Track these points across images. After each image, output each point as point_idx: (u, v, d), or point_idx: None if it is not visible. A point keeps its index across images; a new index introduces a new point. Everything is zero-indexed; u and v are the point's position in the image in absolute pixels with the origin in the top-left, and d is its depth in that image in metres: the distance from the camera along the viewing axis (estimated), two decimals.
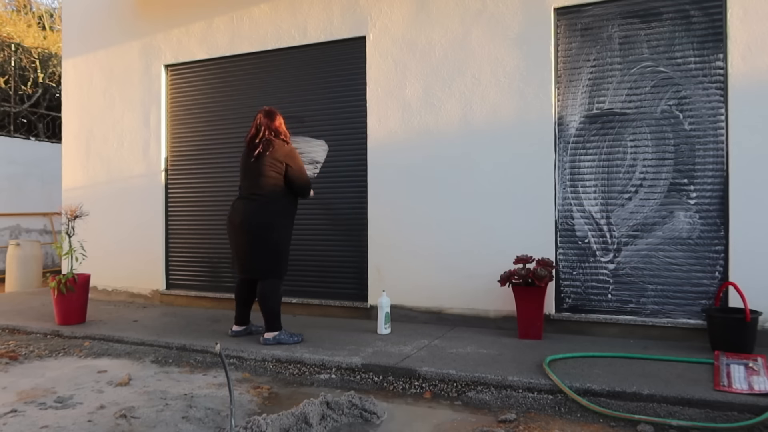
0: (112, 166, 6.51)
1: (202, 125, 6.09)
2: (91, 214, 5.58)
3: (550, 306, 4.55)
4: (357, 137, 5.33)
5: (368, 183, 5.23)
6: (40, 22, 13.82)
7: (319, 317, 5.34)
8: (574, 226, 4.58)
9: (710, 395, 3.03)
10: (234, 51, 5.86)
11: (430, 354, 3.94)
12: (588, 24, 4.55)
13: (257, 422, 2.72)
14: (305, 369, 3.89)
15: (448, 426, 2.95)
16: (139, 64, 6.37)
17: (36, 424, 2.95)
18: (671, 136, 4.31)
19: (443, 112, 4.94)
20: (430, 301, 4.97)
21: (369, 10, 5.25)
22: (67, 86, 6.85)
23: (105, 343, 4.61)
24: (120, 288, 6.44)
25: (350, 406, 3.02)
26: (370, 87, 5.22)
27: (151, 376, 3.82)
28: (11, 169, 9.91)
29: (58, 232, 10.13)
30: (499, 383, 3.40)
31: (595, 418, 3.00)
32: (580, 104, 4.56)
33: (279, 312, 4.31)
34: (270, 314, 4.26)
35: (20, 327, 5.09)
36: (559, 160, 4.62)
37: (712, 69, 4.21)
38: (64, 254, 5.14)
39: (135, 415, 3.06)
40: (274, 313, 4.27)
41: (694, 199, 4.25)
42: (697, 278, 4.23)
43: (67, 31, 6.87)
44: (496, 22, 4.76)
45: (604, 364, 3.64)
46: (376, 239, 5.18)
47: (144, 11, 6.35)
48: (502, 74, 4.74)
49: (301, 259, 5.53)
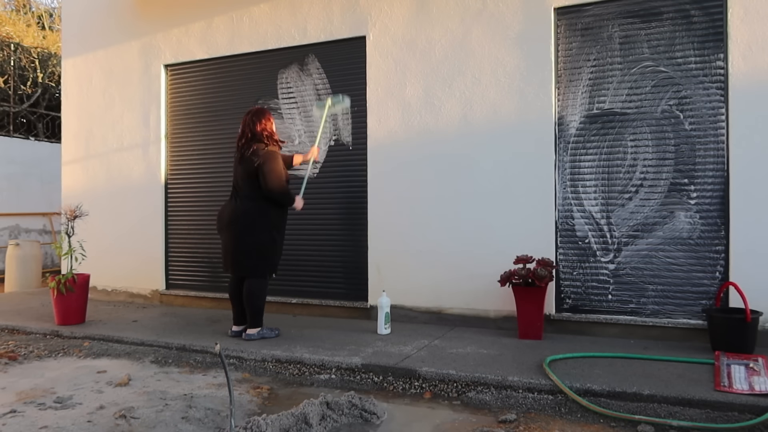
0: (111, 166, 6.51)
1: (201, 125, 6.08)
2: (91, 214, 5.58)
3: (550, 306, 4.55)
4: (357, 137, 5.32)
5: (368, 183, 5.22)
6: (40, 21, 13.82)
7: (319, 317, 5.33)
8: (574, 226, 4.58)
9: (711, 395, 3.03)
10: (234, 51, 5.85)
11: (430, 354, 3.94)
12: (588, 24, 4.55)
13: (257, 422, 2.72)
14: (305, 369, 3.89)
15: (448, 426, 2.95)
16: (138, 63, 6.37)
17: (35, 424, 2.94)
18: (672, 136, 4.31)
19: (443, 112, 4.93)
20: (430, 301, 4.97)
21: (369, 9, 5.24)
22: (66, 86, 6.85)
23: (104, 344, 4.61)
24: (119, 288, 6.44)
25: (350, 406, 3.01)
26: (370, 87, 5.22)
27: (151, 376, 3.81)
28: (11, 169, 9.90)
29: (57, 232, 10.12)
30: (500, 383, 3.39)
31: (595, 419, 2.99)
32: (581, 104, 4.56)
33: (263, 309, 4.50)
34: (255, 311, 4.44)
35: (20, 327, 5.09)
36: (560, 159, 4.62)
37: (713, 69, 4.20)
38: (63, 254, 5.13)
39: (134, 415, 3.05)
40: (259, 310, 4.46)
41: (695, 199, 4.24)
42: (697, 278, 4.23)
43: (66, 31, 6.86)
44: (497, 21, 4.76)
45: (605, 364, 3.64)
46: (376, 239, 5.18)
47: (143, 11, 6.35)
48: (503, 74, 4.74)
49: (302, 259, 5.53)
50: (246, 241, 4.37)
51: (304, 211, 4.96)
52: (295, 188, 4.85)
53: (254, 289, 4.41)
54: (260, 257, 4.40)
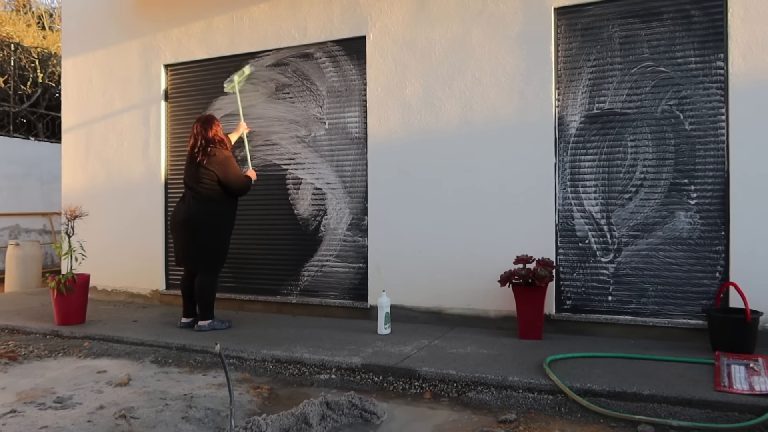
0: (111, 166, 6.51)
1: None
2: (91, 214, 5.57)
3: (550, 306, 4.55)
4: (357, 137, 5.32)
5: (368, 182, 5.22)
6: (40, 21, 13.82)
7: (319, 317, 5.33)
8: (574, 226, 4.58)
9: (711, 396, 3.03)
10: (234, 51, 5.85)
11: (430, 354, 3.93)
12: (588, 24, 4.54)
13: (257, 422, 2.72)
14: (305, 369, 3.89)
15: (448, 426, 2.95)
16: (138, 63, 6.36)
17: (35, 424, 2.94)
18: (672, 136, 4.31)
19: (443, 112, 4.93)
20: (430, 301, 4.97)
21: (369, 9, 5.24)
22: (66, 86, 6.85)
23: (104, 343, 4.61)
24: (119, 288, 6.43)
25: (350, 406, 3.01)
26: (370, 87, 5.21)
27: (151, 376, 3.81)
28: (11, 169, 9.89)
29: (57, 232, 10.12)
30: (500, 383, 3.39)
31: (595, 419, 2.99)
32: (581, 104, 4.56)
33: (213, 302, 4.86)
34: (206, 304, 4.82)
35: (19, 327, 5.09)
36: (560, 160, 4.62)
37: (713, 69, 4.20)
38: (63, 254, 5.13)
39: (134, 415, 3.05)
40: (210, 303, 4.84)
41: (695, 199, 4.24)
42: (697, 278, 4.23)
43: (66, 31, 6.86)
44: (497, 21, 4.76)
45: (605, 364, 3.64)
46: (376, 239, 5.18)
47: (143, 11, 6.34)
48: (503, 74, 4.74)
49: (301, 259, 5.53)
50: (199, 240, 4.75)
51: (303, 211, 4.96)
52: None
53: (206, 284, 4.79)
54: (211, 254, 4.80)
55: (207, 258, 4.79)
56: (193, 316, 4.94)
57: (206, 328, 4.78)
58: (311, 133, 5.53)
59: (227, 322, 4.92)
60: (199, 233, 4.74)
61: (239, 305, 5.79)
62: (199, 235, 4.74)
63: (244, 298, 5.76)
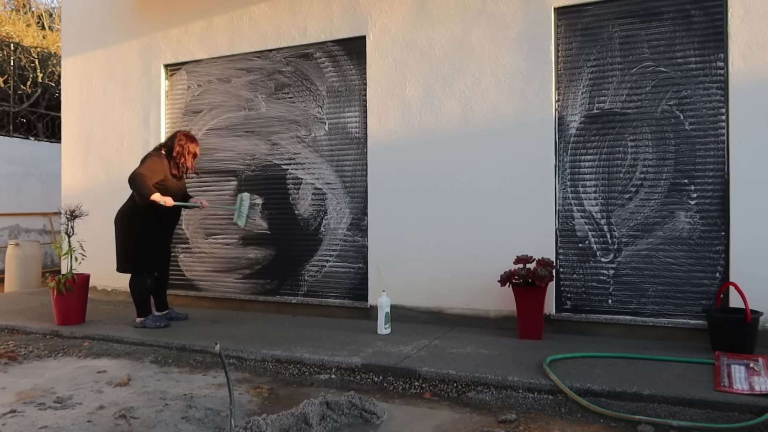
0: (111, 166, 6.50)
1: (201, 125, 6.08)
2: (91, 213, 5.57)
3: (550, 306, 4.55)
4: (357, 137, 5.32)
5: (368, 182, 5.22)
6: (40, 21, 13.82)
7: (319, 317, 5.33)
8: (574, 226, 4.57)
9: (711, 396, 3.03)
10: (234, 51, 5.85)
11: (430, 354, 3.93)
12: (588, 24, 4.54)
13: (257, 422, 2.72)
14: (305, 369, 3.89)
15: (448, 426, 2.95)
16: (138, 63, 6.36)
17: (35, 424, 2.94)
18: (672, 136, 4.31)
19: (443, 112, 4.93)
20: (430, 301, 4.97)
21: (369, 9, 5.24)
22: (66, 86, 6.84)
23: (104, 343, 4.60)
24: (119, 288, 6.43)
25: (350, 406, 3.01)
26: (370, 87, 5.21)
27: (151, 376, 3.81)
28: (10, 169, 9.89)
29: (57, 232, 10.12)
30: (500, 383, 3.39)
31: (595, 419, 2.99)
32: (581, 104, 4.56)
33: (142, 301, 4.95)
34: (136, 303, 4.97)
35: (19, 327, 5.09)
36: (560, 160, 4.62)
37: (713, 69, 4.20)
38: (63, 254, 5.13)
39: (134, 415, 3.05)
40: (139, 302, 4.95)
41: (695, 199, 4.24)
42: (697, 278, 4.23)
43: (66, 31, 6.86)
44: (497, 21, 4.76)
45: (605, 364, 3.64)
46: (376, 239, 5.18)
47: (143, 11, 6.34)
48: (503, 74, 4.74)
49: (301, 259, 5.53)
50: (116, 235, 4.97)
51: (303, 211, 4.95)
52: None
53: (132, 285, 4.95)
54: (132, 257, 4.90)
55: (124, 255, 4.92)
56: (165, 309, 5.22)
57: (138, 325, 4.94)
58: (311, 133, 5.53)
59: (163, 320, 4.97)
60: (116, 229, 4.96)
61: (239, 305, 5.80)
62: (116, 231, 4.96)
63: (244, 298, 5.76)
